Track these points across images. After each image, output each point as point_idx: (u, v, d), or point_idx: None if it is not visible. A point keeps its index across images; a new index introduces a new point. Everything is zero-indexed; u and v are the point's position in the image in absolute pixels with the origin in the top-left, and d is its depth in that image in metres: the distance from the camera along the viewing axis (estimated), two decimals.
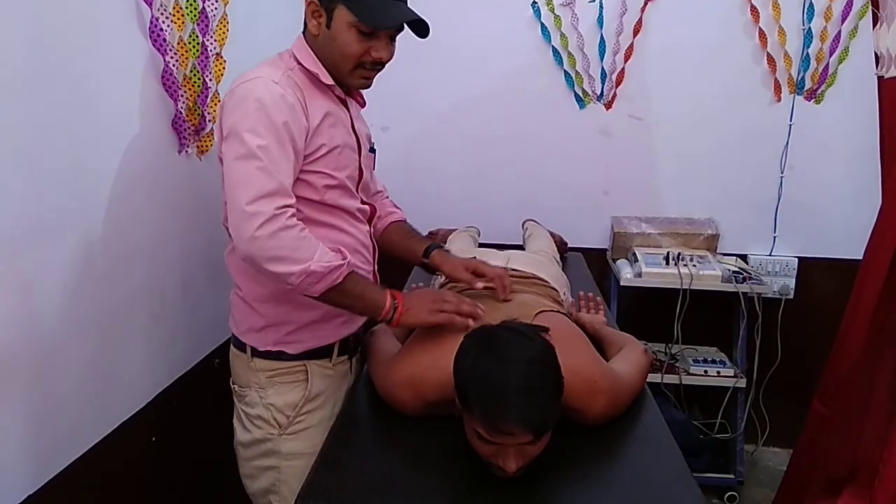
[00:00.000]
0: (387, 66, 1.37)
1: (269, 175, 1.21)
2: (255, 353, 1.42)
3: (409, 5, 1.34)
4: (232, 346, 1.49)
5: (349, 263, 1.28)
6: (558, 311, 1.57)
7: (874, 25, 1.82)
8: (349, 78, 1.37)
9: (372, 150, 1.55)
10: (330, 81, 1.36)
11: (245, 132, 1.22)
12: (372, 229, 1.53)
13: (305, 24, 1.35)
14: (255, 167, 1.21)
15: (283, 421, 1.42)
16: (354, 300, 1.32)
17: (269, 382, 1.42)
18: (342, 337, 1.47)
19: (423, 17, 1.32)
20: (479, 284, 1.52)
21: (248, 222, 1.19)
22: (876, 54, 1.80)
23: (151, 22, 1.48)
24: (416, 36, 1.35)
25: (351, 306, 1.35)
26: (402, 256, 1.65)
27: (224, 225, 1.38)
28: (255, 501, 1.50)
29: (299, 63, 1.35)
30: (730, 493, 2.63)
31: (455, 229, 2.53)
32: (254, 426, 1.43)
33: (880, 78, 1.79)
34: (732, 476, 2.66)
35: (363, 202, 1.47)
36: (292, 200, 1.25)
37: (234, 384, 1.49)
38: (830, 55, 2.60)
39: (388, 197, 1.73)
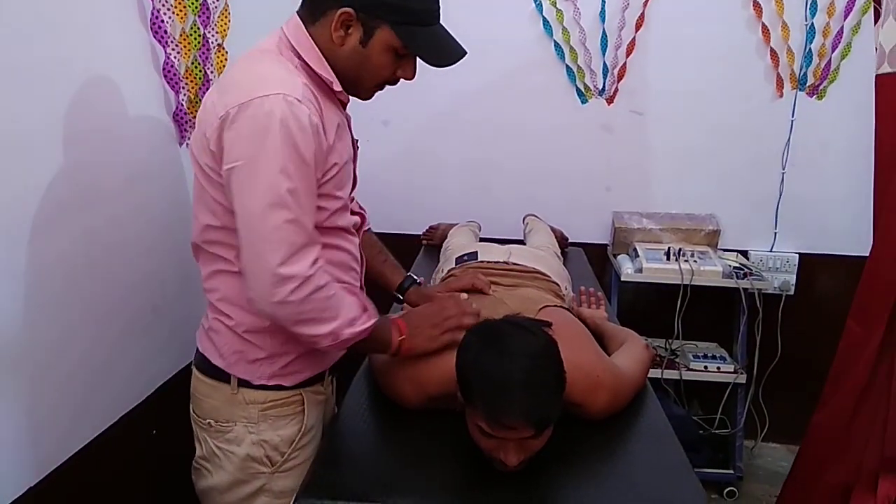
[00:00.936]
0: None
1: (300, 227, 1.09)
2: (244, 384, 1.26)
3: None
4: (202, 376, 1.29)
5: (371, 315, 1.22)
6: (560, 306, 1.57)
7: (875, 21, 1.81)
8: (364, 92, 1.25)
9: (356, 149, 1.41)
10: (339, 89, 1.21)
11: (273, 172, 1.05)
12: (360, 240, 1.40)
13: (312, 20, 1.17)
14: (285, 220, 1.07)
15: (277, 459, 1.27)
16: (368, 343, 1.26)
17: (263, 416, 1.26)
18: (336, 360, 1.38)
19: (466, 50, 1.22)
20: (464, 295, 1.50)
21: (280, 286, 1.07)
22: (876, 50, 1.79)
23: (153, 14, 1.48)
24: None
25: (364, 348, 1.31)
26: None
27: (196, 244, 1.26)
28: None
29: (304, 62, 1.17)
30: (729, 489, 2.64)
31: (456, 223, 2.53)
32: (235, 467, 1.27)
33: (878, 74, 1.79)
34: (732, 472, 2.67)
35: (352, 212, 1.34)
36: (319, 245, 1.14)
37: (205, 420, 1.29)
38: (833, 51, 2.60)
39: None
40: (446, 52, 1.18)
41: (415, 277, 1.63)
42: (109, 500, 1.44)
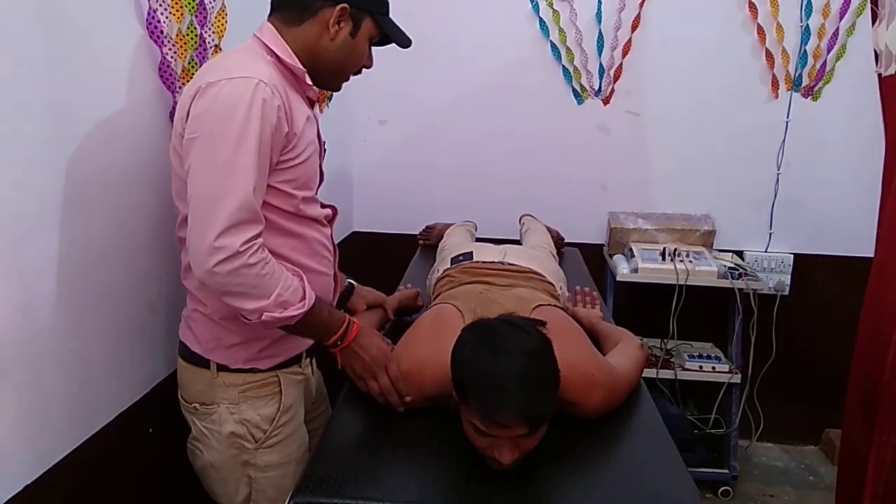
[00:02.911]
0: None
1: (246, 205, 1.14)
2: (223, 368, 1.34)
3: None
4: (185, 364, 1.38)
5: (306, 304, 1.22)
6: (555, 306, 1.58)
7: (873, 23, 1.81)
8: (341, 81, 1.39)
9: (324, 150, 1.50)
10: (310, 82, 1.32)
11: (231, 149, 1.12)
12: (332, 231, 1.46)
13: (298, 21, 1.29)
14: (233, 195, 1.12)
15: (260, 436, 1.36)
16: (305, 331, 1.30)
17: (243, 397, 1.34)
18: (312, 343, 1.43)
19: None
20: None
21: (211, 256, 1.11)
22: (875, 52, 1.79)
23: (149, 14, 1.48)
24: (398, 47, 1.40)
25: (302, 334, 1.34)
26: None
27: (180, 238, 1.30)
28: None
29: (276, 57, 1.27)
30: (724, 488, 2.65)
31: (452, 223, 2.54)
32: (224, 446, 1.36)
33: (880, 76, 1.78)
34: (726, 471, 2.68)
35: (323, 205, 1.41)
36: (260, 226, 1.17)
37: (191, 403, 1.38)
38: (828, 52, 2.61)
39: None
40: (405, 36, 1.38)
41: (351, 282, 1.73)
42: (106, 498, 1.44)
